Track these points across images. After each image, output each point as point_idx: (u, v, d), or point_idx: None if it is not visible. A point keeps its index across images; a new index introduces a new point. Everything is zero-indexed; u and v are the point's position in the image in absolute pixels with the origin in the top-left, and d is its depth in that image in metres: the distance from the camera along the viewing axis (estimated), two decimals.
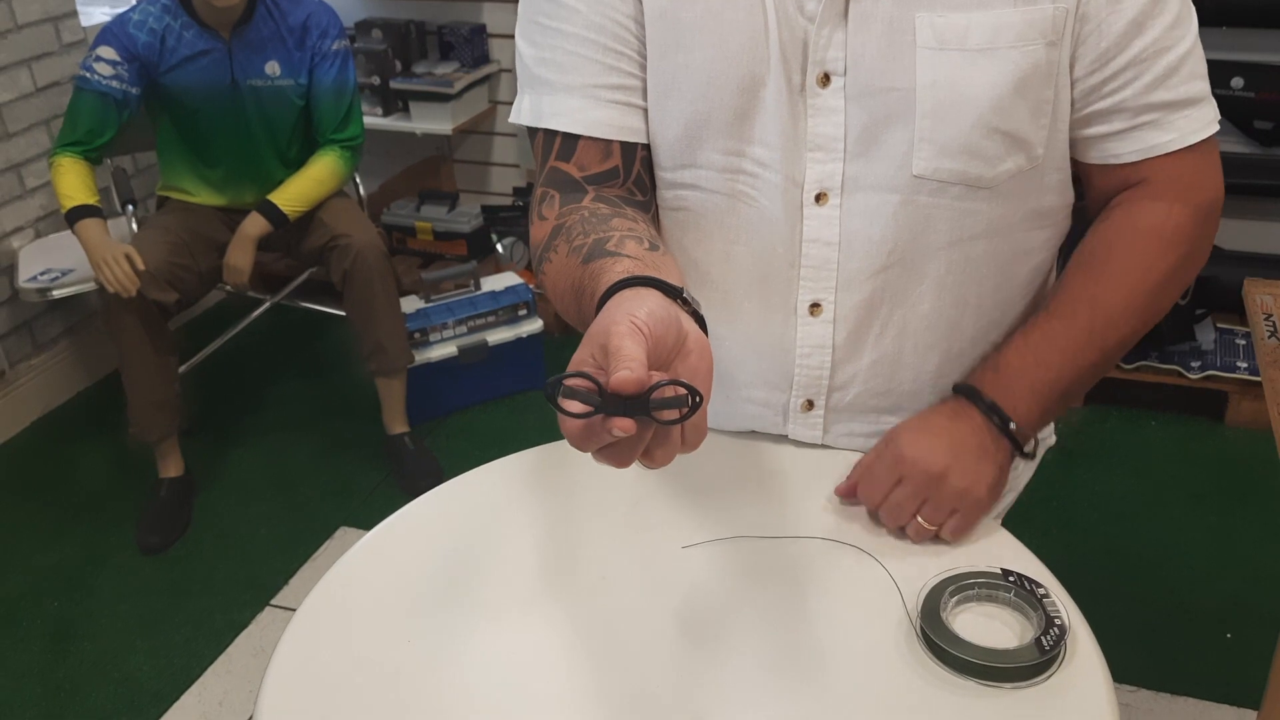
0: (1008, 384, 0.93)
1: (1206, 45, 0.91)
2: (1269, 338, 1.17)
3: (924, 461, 0.91)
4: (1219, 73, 2.55)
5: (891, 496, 0.91)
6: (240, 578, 2.35)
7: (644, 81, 0.94)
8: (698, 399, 0.61)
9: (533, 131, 0.97)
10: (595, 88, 0.92)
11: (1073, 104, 0.91)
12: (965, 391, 0.95)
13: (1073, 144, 0.94)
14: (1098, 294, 0.94)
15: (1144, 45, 0.87)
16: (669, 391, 0.60)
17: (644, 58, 0.93)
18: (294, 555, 2.40)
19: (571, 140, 0.93)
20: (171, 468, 2.54)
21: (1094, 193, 0.98)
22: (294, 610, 0.87)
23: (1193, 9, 0.89)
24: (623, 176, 0.95)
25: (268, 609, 2.26)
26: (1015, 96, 0.87)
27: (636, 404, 0.60)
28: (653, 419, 0.61)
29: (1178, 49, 0.88)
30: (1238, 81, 2.56)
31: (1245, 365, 2.60)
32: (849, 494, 0.95)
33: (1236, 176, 2.73)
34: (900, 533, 0.92)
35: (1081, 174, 0.97)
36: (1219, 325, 2.73)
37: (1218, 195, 0.95)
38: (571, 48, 0.92)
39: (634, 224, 0.86)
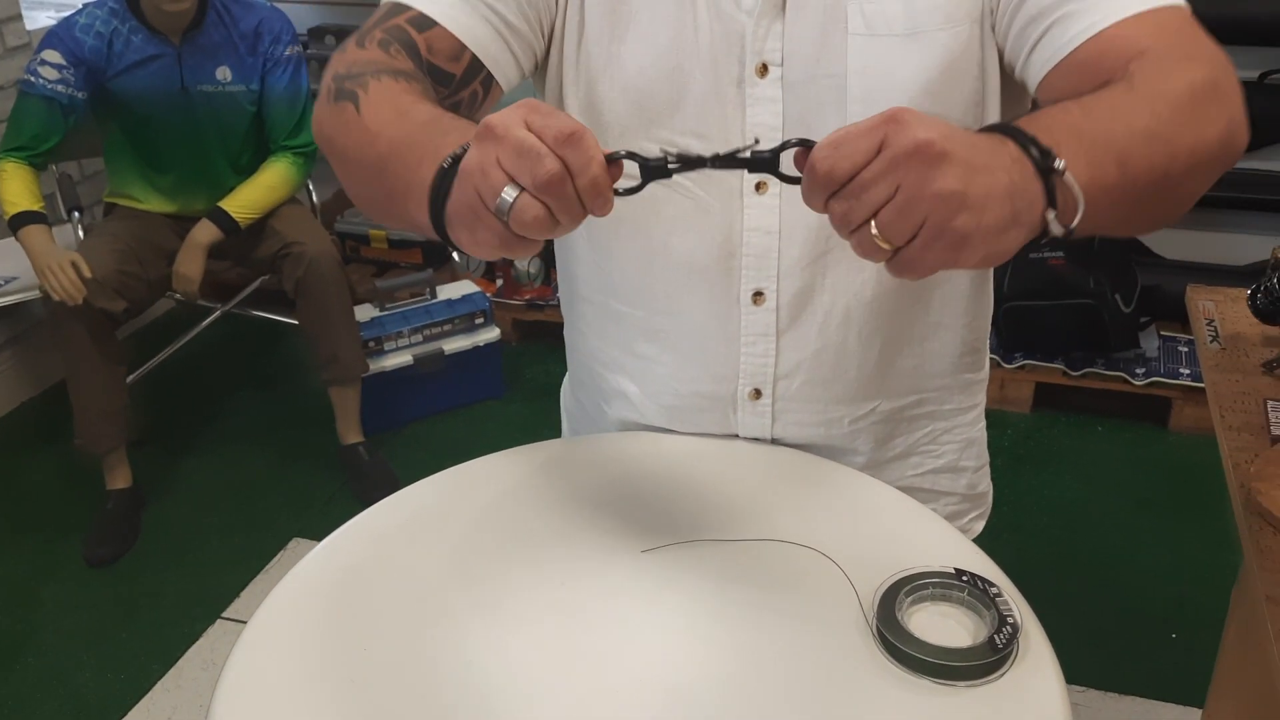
0: (1047, 123, 0.69)
1: None
2: (1211, 342, 1.21)
3: (921, 127, 0.62)
4: None
5: (863, 173, 0.63)
6: (191, 590, 2.32)
7: (529, 35, 0.92)
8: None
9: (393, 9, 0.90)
10: (480, 1, 0.90)
11: (1008, 48, 0.87)
12: (997, 128, 0.70)
13: (1028, 81, 0.87)
14: (1129, 83, 0.74)
15: None
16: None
17: (543, 28, 0.93)
18: (246, 567, 2.37)
19: (428, 21, 0.89)
20: (120, 479, 2.50)
21: None
22: (246, 623, 0.86)
23: None
24: (452, 90, 0.90)
25: (219, 622, 2.23)
26: (946, 80, 0.89)
27: (769, 163, 0.67)
28: (781, 176, 0.67)
29: None
30: None
31: (1188, 372, 2.66)
32: (811, 175, 0.65)
33: None
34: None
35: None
36: (1162, 333, 2.79)
37: (1224, 57, 0.78)
38: None
39: None
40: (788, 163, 0.68)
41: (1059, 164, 0.66)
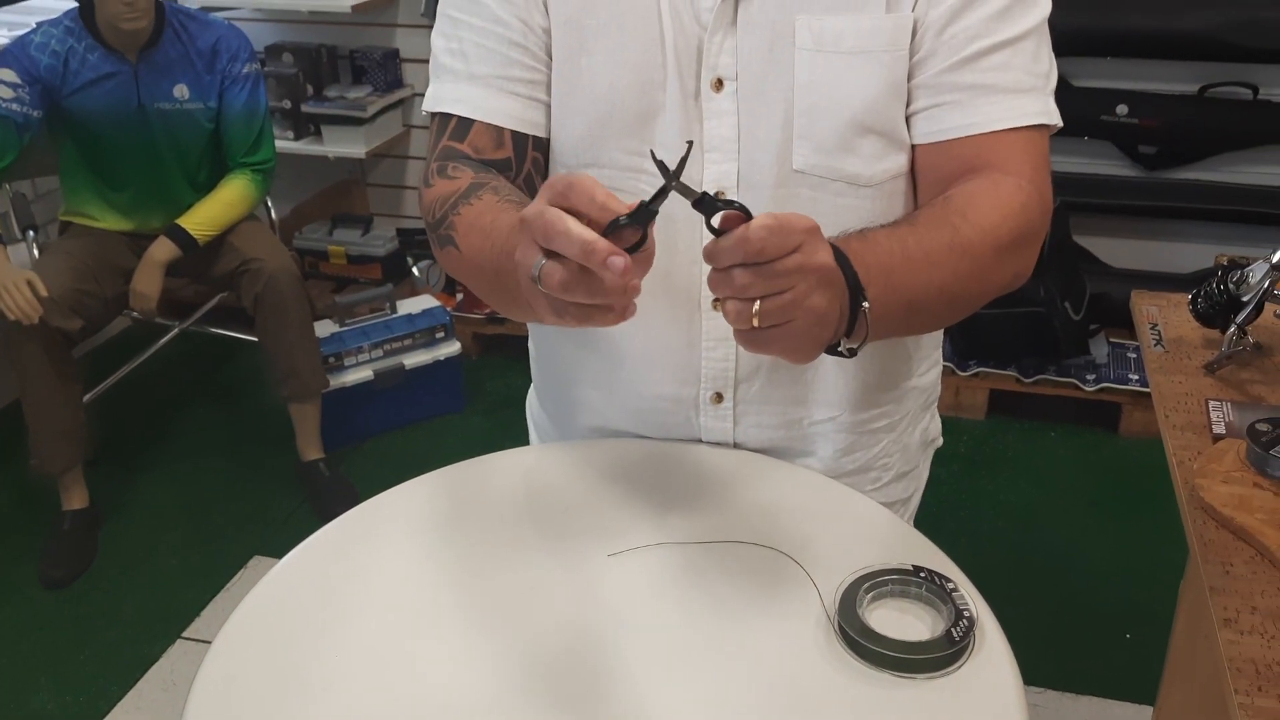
0: (873, 263, 0.83)
1: (1092, 74, 0.97)
2: (1155, 345, 1.25)
3: (826, 250, 0.75)
4: (1105, 100, 2.69)
5: (777, 263, 0.72)
6: (150, 610, 2.29)
7: (547, 79, 0.98)
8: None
9: (433, 117, 1.01)
10: (496, 78, 0.97)
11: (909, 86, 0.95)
12: (838, 253, 0.81)
13: (909, 129, 0.96)
14: (957, 221, 0.89)
15: (956, 30, 0.92)
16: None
17: (549, 57, 0.98)
18: (206, 586, 2.35)
19: (466, 124, 0.98)
20: (76, 499, 2.47)
21: (921, 178, 0.98)
22: (208, 642, 0.86)
23: (1032, 10, 0.93)
24: (515, 169, 0.98)
25: (179, 641, 2.21)
26: (888, 98, 0.93)
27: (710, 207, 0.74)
28: (710, 228, 0.74)
29: (993, 37, 0.92)
30: (1122, 109, 2.70)
31: (1136, 378, 2.73)
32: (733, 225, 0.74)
33: (1122, 198, 2.89)
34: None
35: (922, 184, 0.99)
36: (1111, 340, 2.86)
37: (1049, 203, 0.95)
38: (477, 39, 0.97)
39: None
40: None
41: (865, 305, 0.81)
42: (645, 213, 0.72)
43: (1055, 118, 0.95)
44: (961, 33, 0.92)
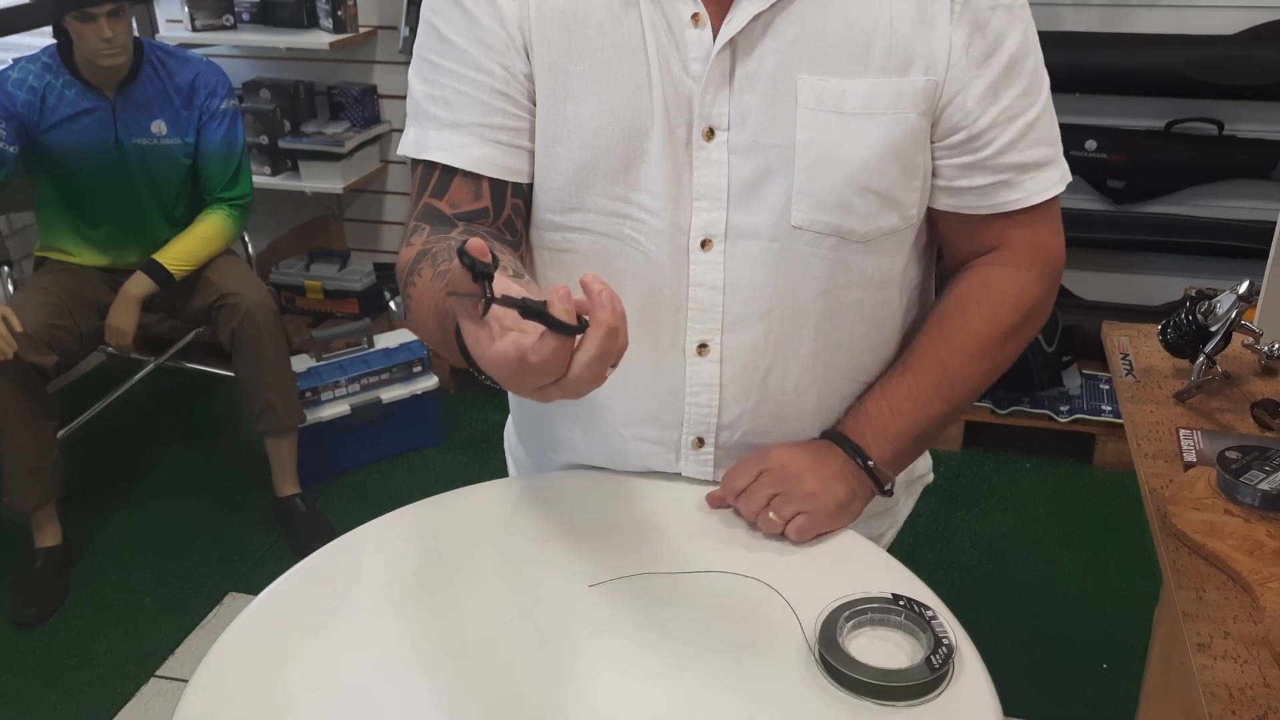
0: (865, 429, 1.03)
1: (1061, 110, 1.00)
2: (1126, 375, 1.27)
3: (785, 460, 1.01)
4: (1073, 136, 2.74)
5: (750, 487, 1.00)
6: (123, 649, 2.26)
7: (530, 125, 0.98)
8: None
9: (415, 163, 1.01)
10: (479, 126, 0.97)
11: (935, 165, 0.99)
12: (830, 436, 1.05)
13: (935, 200, 1.01)
14: (945, 358, 1.03)
15: (998, 112, 0.95)
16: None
17: (532, 103, 0.98)
18: (181, 624, 2.32)
19: (448, 176, 0.98)
20: (48, 537, 2.44)
21: (952, 251, 1.07)
22: (182, 681, 0.85)
23: (1043, 81, 0.98)
24: (492, 216, 0.98)
25: (153, 680, 2.18)
26: (887, 159, 0.94)
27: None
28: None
29: (1026, 116, 0.97)
30: (1091, 144, 2.75)
31: (1110, 409, 2.76)
32: (718, 499, 1.03)
33: (1092, 232, 2.93)
34: (766, 536, 0.99)
35: (942, 234, 1.06)
36: (1084, 371, 2.89)
37: (1060, 256, 1.05)
38: (459, 86, 0.97)
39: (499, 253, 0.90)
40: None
41: (871, 463, 1.02)
42: (532, 307, 0.67)
43: (1069, 176, 1.02)
44: (1004, 114, 0.96)
